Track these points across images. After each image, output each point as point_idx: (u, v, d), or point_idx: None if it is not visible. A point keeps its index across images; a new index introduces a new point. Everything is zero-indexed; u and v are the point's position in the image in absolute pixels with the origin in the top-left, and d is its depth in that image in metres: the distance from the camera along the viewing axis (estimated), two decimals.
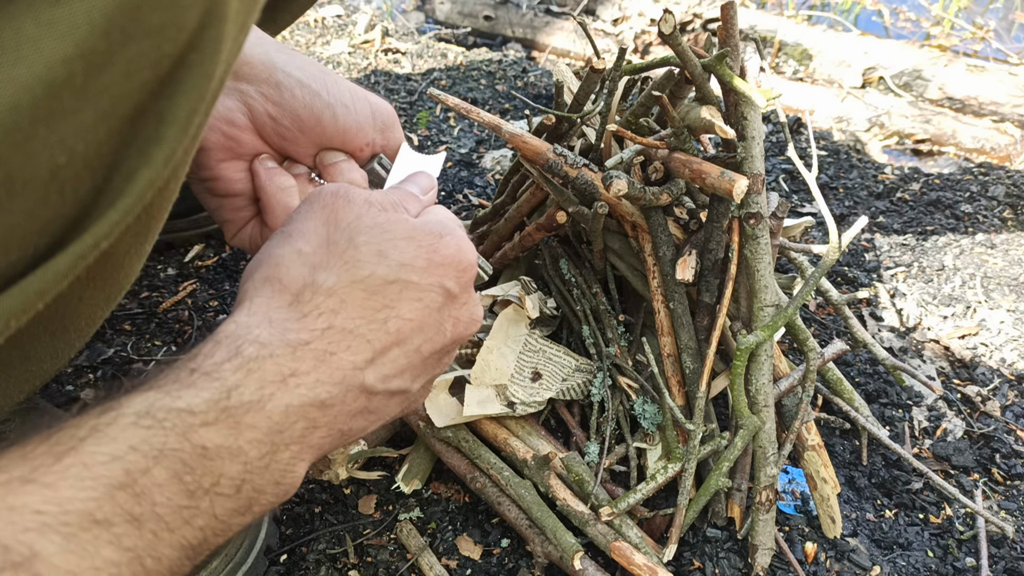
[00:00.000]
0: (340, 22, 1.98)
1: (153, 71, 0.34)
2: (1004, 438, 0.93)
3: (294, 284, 0.44)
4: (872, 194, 1.40)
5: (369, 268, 0.44)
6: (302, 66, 0.57)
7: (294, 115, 0.57)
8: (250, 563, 0.71)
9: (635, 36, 1.96)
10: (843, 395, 0.89)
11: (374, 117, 0.60)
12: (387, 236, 0.46)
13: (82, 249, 0.35)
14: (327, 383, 0.41)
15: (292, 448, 0.40)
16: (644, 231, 0.80)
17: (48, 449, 0.33)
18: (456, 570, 0.76)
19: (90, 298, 0.41)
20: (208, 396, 0.37)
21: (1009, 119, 1.65)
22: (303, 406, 0.40)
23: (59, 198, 0.34)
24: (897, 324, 1.11)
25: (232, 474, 0.37)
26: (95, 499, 0.32)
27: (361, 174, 0.60)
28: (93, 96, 0.32)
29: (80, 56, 0.30)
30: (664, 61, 0.74)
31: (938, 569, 0.78)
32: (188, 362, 0.40)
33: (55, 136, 0.32)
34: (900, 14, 2.31)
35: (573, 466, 0.74)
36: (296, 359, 0.41)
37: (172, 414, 0.36)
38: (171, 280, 1.09)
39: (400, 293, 0.45)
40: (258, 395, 0.39)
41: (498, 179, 1.37)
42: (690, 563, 0.75)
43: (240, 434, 0.38)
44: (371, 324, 0.44)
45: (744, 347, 0.72)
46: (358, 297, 0.44)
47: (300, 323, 0.42)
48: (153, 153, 0.36)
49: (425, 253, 0.46)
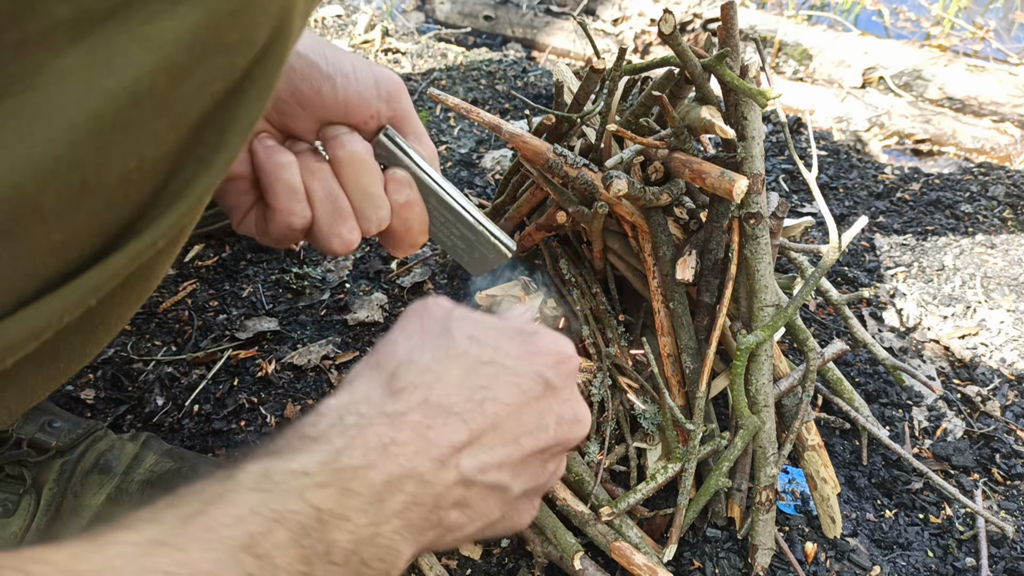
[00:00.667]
0: (340, 22, 1.98)
1: (224, 83, 0.35)
2: (1004, 438, 0.93)
3: (391, 364, 0.45)
4: (872, 194, 1.40)
5: (463, 347, 0.45)
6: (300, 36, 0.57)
7: (292, 88, 0.54)
8: None
9: (635, 36, 1.96)
10: (843, 395, 0.89)
11: (378, 87, 0.57)
12: (479, 325, 0.46)
13: (139, 247, 0.36)
14: (425, 456, 0.41)
15: (394, 522, 0.40)
16: (644, 231, 0.80)
17: (175, 512, 0.34)
18: (456, 570, 0.76)
19: (122, 297, 0.42)
20: (320, 458, 0.38)
21: (1009, 119, 1.65)
22: (402, 477, 0.40)
23: (124, 201, 0.35)
24: (897, 324, 1.11)
25: (342, 543, 0.37)
26: (221, 560, 0.33)
27: (364, 145, 0.57)
28: (169, 106, 0.34)
29: (164, 69, 0.32)
30: (664, 61, 0.74)
31: (938, 569, 0.78)
32: (297, 430, 0.40)
33: (130, 142, 0.33)
34: (900, 14, 2.31)
35: (573, 466, 0.74)
36: (395, 429, 0.41)
37: (288, 476, 0.37)
38: (171, 280, 1.09)
39: (497, 376, 0.45)
40: (362, 460, 0.39)
41: (498, 179, 1.37)
42: (690, 563, 0.75)
43: (348, 500, 0.38)
44: (467, 403, 0.43)
45: (744, 347, 0.72)
46: (454, 374, 0.44)
47: (396, 397, 0.43)
48: (215, 160, 0.37)
49: (520, 342, 0.46)
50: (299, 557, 0.35)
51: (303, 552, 0.36)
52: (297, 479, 0.37)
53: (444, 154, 1.44)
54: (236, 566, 0.33)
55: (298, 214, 0.56)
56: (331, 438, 0.39)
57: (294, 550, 0.35)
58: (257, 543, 0.34)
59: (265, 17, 0.35)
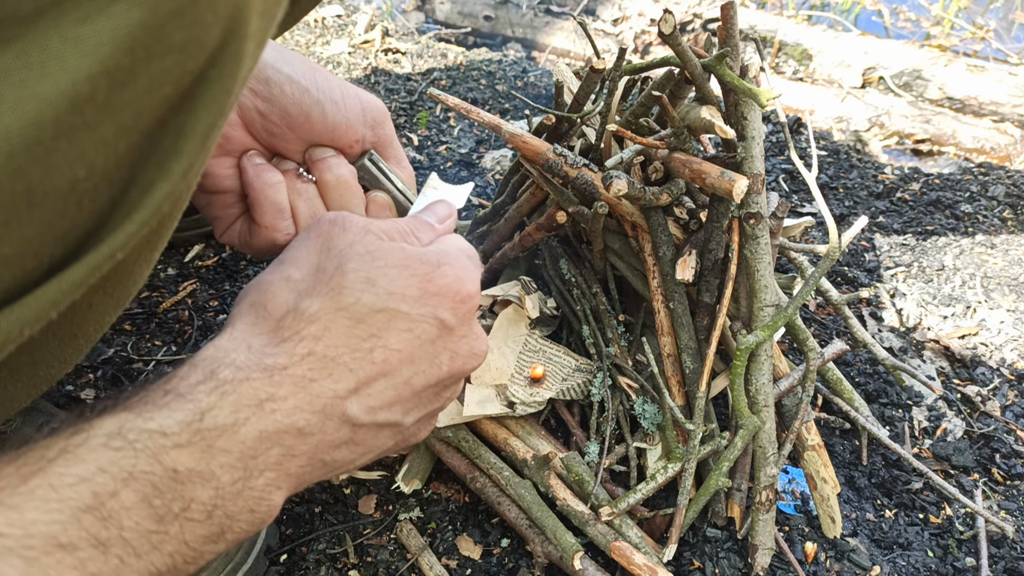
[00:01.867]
0: (340, 22, 1.98)
1: (174, 87, 0.34)
2: (1004, 438, 0.93)
3: (278, 310, 0.43)
4: (872, 194, 1.40)
5: (355, 295, 0.43)
6: (291, 62, 0.57)
7: (283, 111, 0.56)
8: (250, 563, 0.71)
9: (635, 36, 1.96)
10: (843, 395, 0.89)
11: (364, 113, 0.59)
12: (378, 264, 0.44)
13: (97, 260, 0.35)
14: (306, 410, 0.40)
15: (267, 475, 0.39)
16: (644, 231, 0.80)
17: (15, 470, 0.32)
18: (456, 570, 0.76)
19: (100, 304, 0.41)
20: (181, 417, 0.37)
21: (1009, 119, 1.65)
22: (279, 432, 0.39)
23: (77, 210, 0.34)
24: (897, 324, 1.11)
25: (204, 499, 0.37)
26: (60, 522, 0.31)
27: (349, 169, 0.59)
28: (115, 111, 0.32)
29: (104, 72, 0.31)
30: (664, 61, 0.74)
31: (938, 569, 0.78)
32: (163, 383, 0.39)
33: (76, 150, 0.32)
34: (900, 14, 2.31)
35: (573, 466, 0.74)
36: (274, 384, 0.40)
37: (144, 435, 0.35)
38: (171, 280, 1.09)
39: (388, 322, 0.44)
40: (232, 419, 0.38)
41: (498, 179, 1.37)
42: (690, 563, 0.75)
43: (212, 458, 0.37)
44: (355, 353, 0.43)
45: (744, 347, 0.72)
46: (342, 325, 0.43)
47: (279, 348, 0.41)
48: (172, 167, 0.36)
49: (419, 282, 0.45)
50: (151, 516, 0.34)
51: (155, 512, 0.35)
52: (153, 439, 0.35)
53: (444, 154, 1.44)
54: (77, 527, 0.32)
55: (283, 231, 0.58)
56: (198, 396, 0.38)
57: (144, 510, 0.34)
58: (103, 504, 0.33)
59: (214, 17, 0.33)
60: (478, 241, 1.04)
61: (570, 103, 0.85)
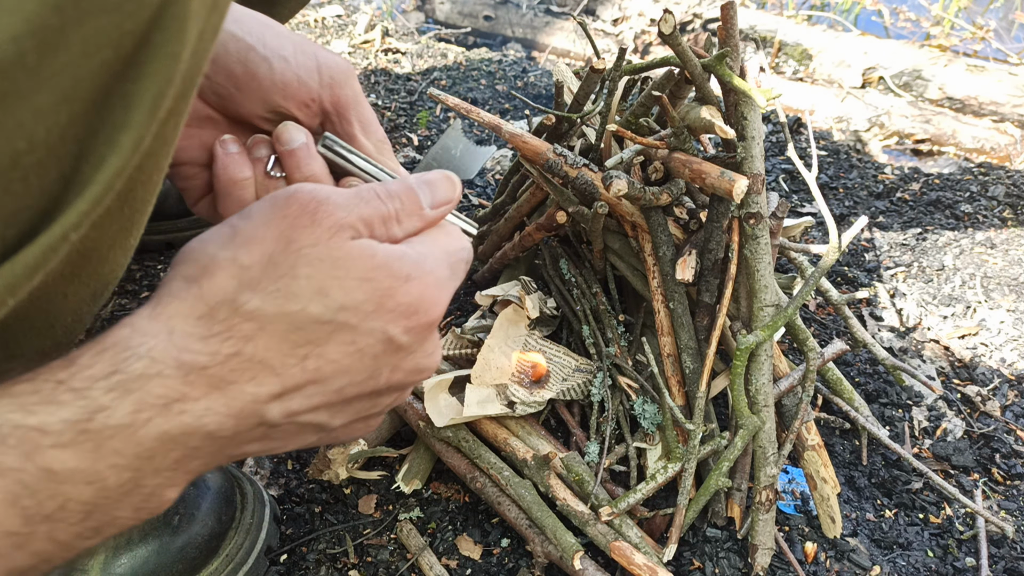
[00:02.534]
0: (340, 22, 1.98)
1: (114, 51, 0.32)
2: (1004, 438, 0.93)
3: (214, 296, 0.39)
4: (872, 194, 1.40)
5: (301, 303, 0.39)
6: (240, 19, 0.52)
7: (228, 71, 0.52)
8: (251, 563, 0.71)
9: (635, 36, 1.96)
10: (843, 395, 0.89)
11: (320, 71, 0.54)
12: (337, 274, 0.40)
13: (50, 240, 0.33)
14: (219, 413, 0.37)
15: (163, 475, 0.36)
16: (644, 231, 0.80)
17: None
18: (456, 570, 0.76)
19: (75, 294, 0.39)
20: (67, 415, 0.34)
21: (1009, 119, 1.65)
22: (184, 434, 0.36)
23: (23, 187, 0.32)
24: (897, 324, 1.11)
25: (83, 499, 0.34)
26: None
27: (321, 163, 0.54)
28: (49, 77, 0.30)
29: (30, 33, 0.28)
30: (664, 61, 0.74)
31: (938, 569, 0.78)
32: (59, 370, 0.35)
33: (12, 120, 0.30)
34: (900, 14, 2.31)
35: (573, 466, 0.74)
36: (187, 383, 0.36)
37: (19, 431, 0.32)
38: None
39: (331, 335, 0.40)
40: (130, 419, 0.35)
41: (498, 179, 1.37)
42: (690, 563, 0.75)
43: (100, 459, 0.34)
44: (286, 359, 0.39)
45: (744, 347, 0.72)
46: (279, 329, 0.39)
47: (203, 343, 0.37)
48: (120, 140, 0.33)
49: (378, 297, 0.41)
50: (17, 516, 0.32)
51: (23, 512, 0.32)
52: (29, 436, 0.33)
53: None
54: None
55: None
56: (95, 394, 0.34)
57: (9, 510, 0.32)
58: None
59: None
60: (478, 241, 1.04)
61: (570, 103, 0.85)
